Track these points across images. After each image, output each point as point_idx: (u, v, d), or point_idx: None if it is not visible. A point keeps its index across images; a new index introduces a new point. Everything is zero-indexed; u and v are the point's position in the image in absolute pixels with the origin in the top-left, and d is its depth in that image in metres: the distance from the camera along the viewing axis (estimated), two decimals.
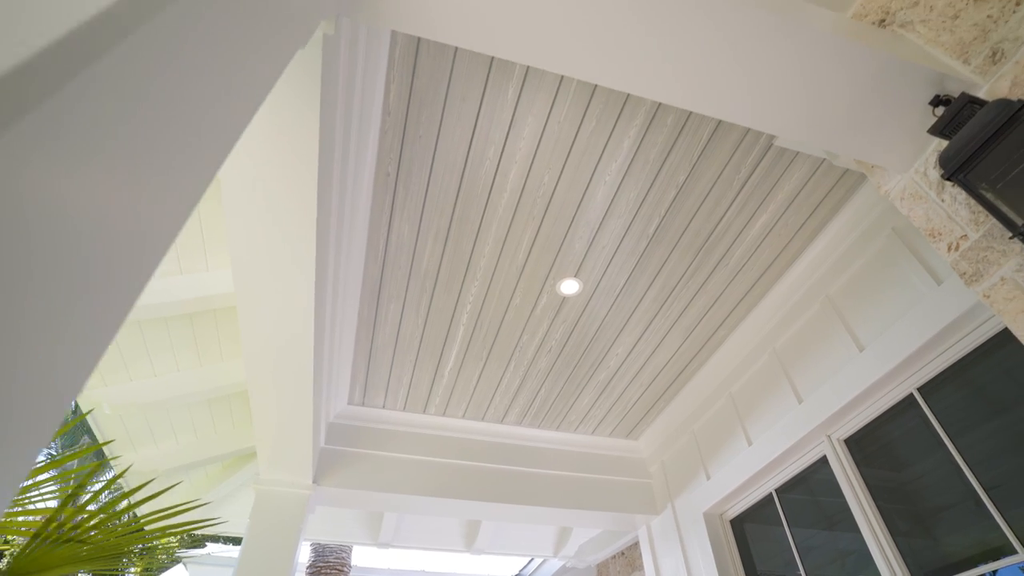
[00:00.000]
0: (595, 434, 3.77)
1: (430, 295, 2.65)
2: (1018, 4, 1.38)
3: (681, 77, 1.43)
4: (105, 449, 3.33)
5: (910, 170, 1.63)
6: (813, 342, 2.54)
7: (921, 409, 2.14)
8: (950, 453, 2.01)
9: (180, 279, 2.32)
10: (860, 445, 2.41)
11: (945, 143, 1.44)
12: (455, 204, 2.26)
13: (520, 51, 1.34)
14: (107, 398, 2.82)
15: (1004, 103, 1.20)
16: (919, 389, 2.14)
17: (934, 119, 1.45)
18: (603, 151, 2.10)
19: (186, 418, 3.34)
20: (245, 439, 3.63)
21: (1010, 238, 1.23)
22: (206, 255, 2.32)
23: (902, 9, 1.72)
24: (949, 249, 1.50)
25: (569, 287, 2.63)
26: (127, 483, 3.49)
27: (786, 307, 2.68)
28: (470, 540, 4.23)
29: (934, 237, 1.55)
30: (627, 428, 3.74)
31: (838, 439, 2.46)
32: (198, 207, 2.24)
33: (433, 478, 3.31)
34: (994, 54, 1.44)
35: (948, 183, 1.49)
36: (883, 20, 1.79)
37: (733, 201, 2.29)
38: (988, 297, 1.39)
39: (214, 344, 2.83)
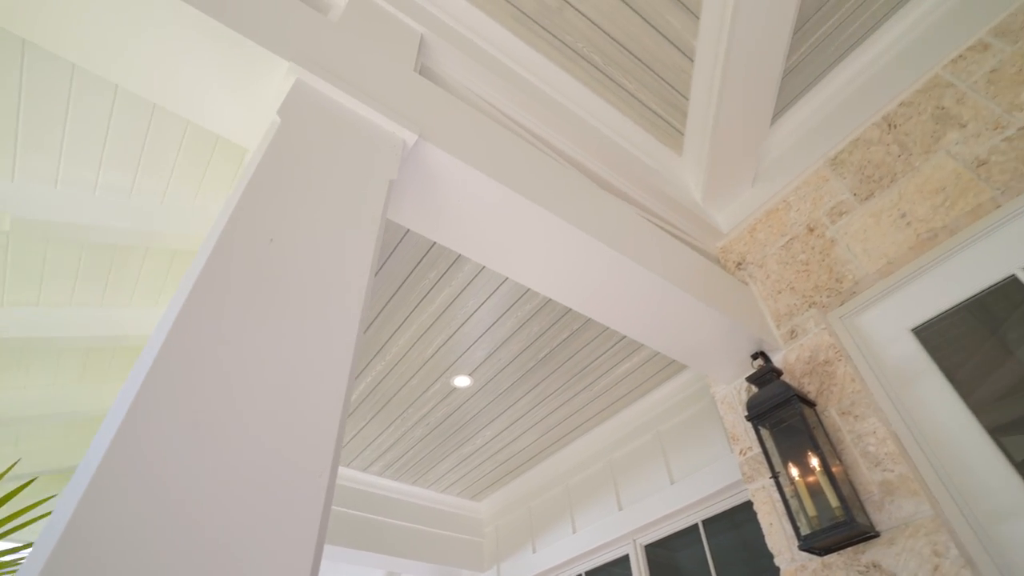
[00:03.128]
0: (445, 492, 4.17)
1: None
2: (807, 309, 2.09)
3: (584, 295, 1.92)
4: None
5: (731, 385, 2.29)
6: (639, 464, 3.20)
7: (700, 535, 2.85)
8: (710, 569, 2.73)
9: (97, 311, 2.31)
10: (654, 551, 3.09)
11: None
12: (388, 302, 2.56)
13: (467, 250, 1.74)
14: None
15: (783, 386, 1.86)
16: (703, 521, 2.85)
17: (752, 368, 2.11)
18: (523, 294, 2.56)
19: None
20: None
21: (769, 477, 1.88)
22: (133, 293, 2.34)
23: (752, 264, 2.42)
24: (740, 453, 2.16)
25: (462, 381, 3.03)
26: None
27: (626, 430, 3.33)
28: None
29: (734, 440, 2.21)
30: (474, 492, 4.19)
31: (640, 544, 3.12)
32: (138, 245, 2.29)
33: None
34: (792, 332, 2.14)
35: None
36: (739, 264, 2.48)
37: (608, 349, 2.87)
38: (754, 496, 2.05)
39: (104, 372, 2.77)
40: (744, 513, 2.69)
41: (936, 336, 1.84)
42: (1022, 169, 1.71)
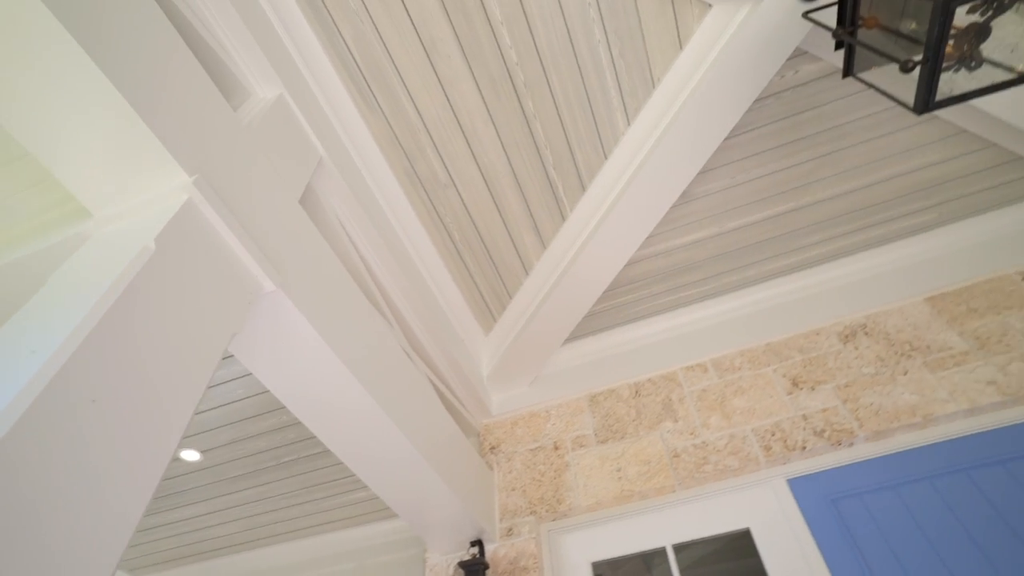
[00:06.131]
0: None
1: None
2: (528, 515, 2.46)
3: (346, 443, 2.03)
4: None
5: (444, 558, 2.50)
6: None
7: None
8: None
9: None
10: None
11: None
12: None
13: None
14: None
15: None
16: None
17: (467, 554, 2.37)
18: None
19: None
20: None
21: None
22: None
23: (502, 453, 2.76)
24: None
25: (190, 455, 2.78)
26: None
27: (334, 551, 3.32)
28: None
29: None
30: (136, 566, 3.65)
31: None
32: None
33: None
34: (509, 530, 2.47)
35: None
36: (493, 447, 2.81)
37: (348, 476, 2.93)
38: None
39: None
40: None
41: (607, 572, 2.32)
42: (694, 473, 2.34)
